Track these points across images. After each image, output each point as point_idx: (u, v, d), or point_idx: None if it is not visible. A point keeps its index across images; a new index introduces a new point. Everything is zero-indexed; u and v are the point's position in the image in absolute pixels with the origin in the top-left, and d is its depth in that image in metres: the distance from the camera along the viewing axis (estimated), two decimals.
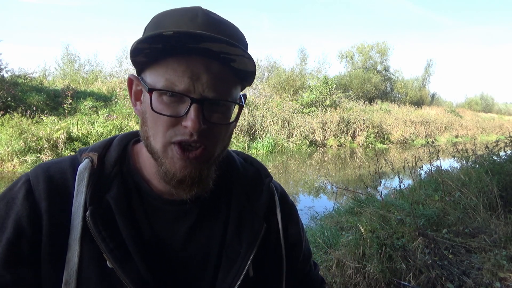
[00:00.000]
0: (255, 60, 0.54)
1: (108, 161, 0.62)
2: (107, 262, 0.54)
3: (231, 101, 0.57)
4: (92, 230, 0.55)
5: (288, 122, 14.50)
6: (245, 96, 0.63)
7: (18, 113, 9.49)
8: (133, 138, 0.69)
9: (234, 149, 0.77)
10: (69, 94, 11.61)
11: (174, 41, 0.49)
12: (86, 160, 0.60)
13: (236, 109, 0.61)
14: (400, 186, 5.06)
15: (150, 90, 0.53)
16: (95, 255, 0.55)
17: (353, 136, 15.94)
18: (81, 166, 0.59)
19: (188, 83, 0.52)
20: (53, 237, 0.54)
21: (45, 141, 8.54)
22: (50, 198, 0.56)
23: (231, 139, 0.64)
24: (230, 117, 0.59)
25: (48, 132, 8.80)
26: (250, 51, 0.59)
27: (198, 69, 0.53)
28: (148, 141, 0.57)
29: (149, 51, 0.52)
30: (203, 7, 0.55)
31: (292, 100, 19.16)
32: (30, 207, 0.55)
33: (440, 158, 6.16)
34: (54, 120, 9.96)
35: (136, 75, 0.60)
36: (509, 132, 6.39)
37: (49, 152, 8.46)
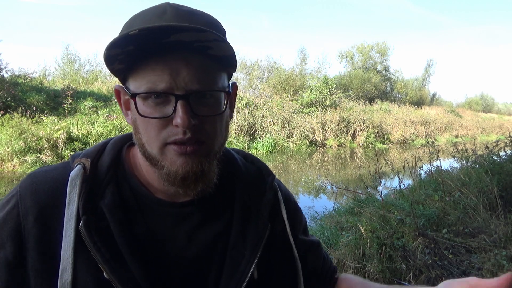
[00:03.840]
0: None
1: (102, 167, 0.60)
2: (103, 273, 0.52)
3: (217, 90, 0.55)
4: (86, 240, 0.52)
5: (288, 122, 14.50)
6: (235, 84, 0.61)
7: (18, 113, 9.50)
8: (127, 141, 0.66)
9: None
10: (69, 94, 11.63)
11: (143, 40, 0.48)
12: (78, 166, 0.58)
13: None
14: (400, 186, 5.07)
15: (133, 96, 0.52)
16: (90, 266, 0.53)
17: (353, 136, 15.94)
18: (72, 173, 0.57)
19: (169, 80, 0.50)
20: (42, 249, 0.53)
21: (45, 141, 8.55)
22: (37, 210, 0.54)
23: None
24: (221, 108, 0.57)
25: (48, 132, 8.82)
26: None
27: (177, 64, 0.51)
28: (143, 148, 0.55)
29: (123, 56, 0.50)
30: (171, 2, 0.53)
31: (292, 100, 19.16)
32: (16, 222, 0.54)
33: (440, 158, 6.15)
34: (54, 120, 9.98)
35: (121, 84, 0.58)
36: (509, 132, 6.39)
37: (49, 152, 8.47)
